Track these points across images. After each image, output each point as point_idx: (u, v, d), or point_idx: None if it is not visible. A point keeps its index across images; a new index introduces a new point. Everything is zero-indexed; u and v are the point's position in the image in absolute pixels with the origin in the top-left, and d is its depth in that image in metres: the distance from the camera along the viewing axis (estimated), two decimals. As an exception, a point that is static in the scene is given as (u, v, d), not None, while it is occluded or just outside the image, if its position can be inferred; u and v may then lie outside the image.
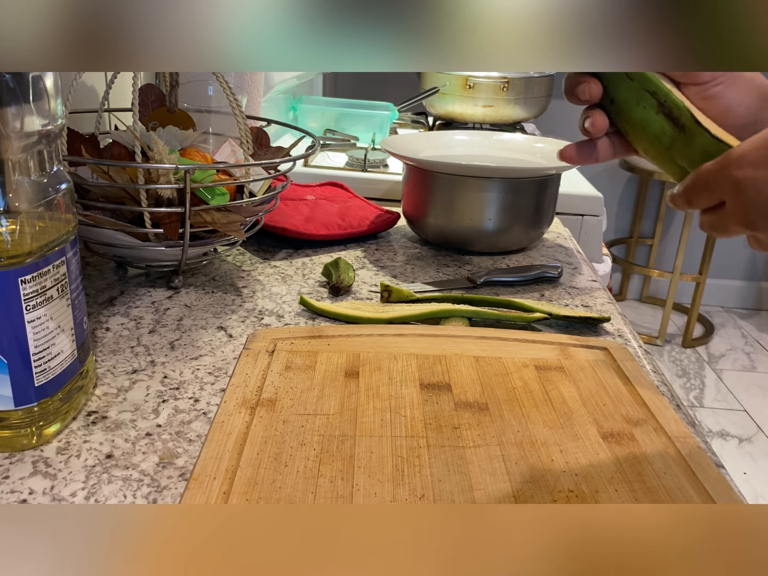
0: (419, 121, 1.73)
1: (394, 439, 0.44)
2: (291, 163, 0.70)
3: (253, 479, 0.40)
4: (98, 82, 0.85)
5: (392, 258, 0.82)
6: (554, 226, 0.99)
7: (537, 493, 0.40)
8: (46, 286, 0.41)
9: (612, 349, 0.57)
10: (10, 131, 0.38)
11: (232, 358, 0.56)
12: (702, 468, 0.42)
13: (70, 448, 0.44)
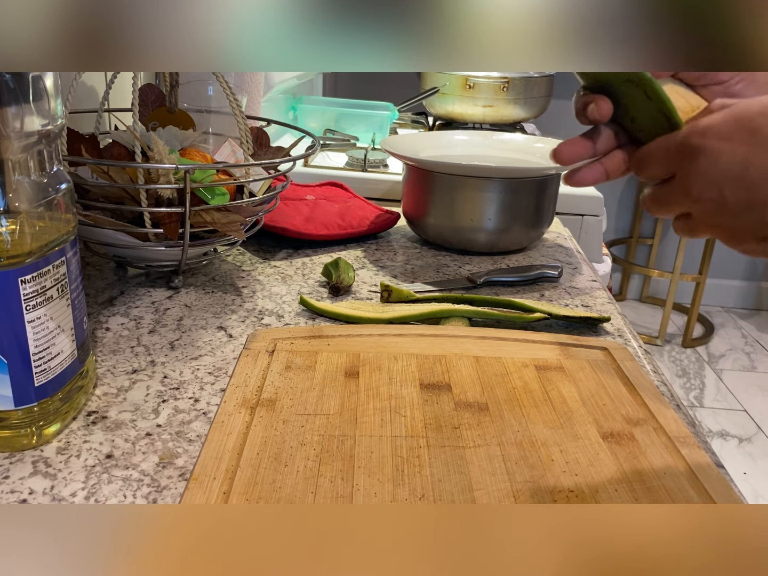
0: (419, 121, 1.73)
1: (394, 439, 0.44)
2: (291, 163, 0.70)
3: (253, 479, 0.40)
4: (98, 82, 0.85)
5: (392, 258, 0.82)
6: (554, 226, 0.99)
7: (537, 493, 0.40)
8: (46, 286, 0.41)
9: (612, 349, 0.57)
10: (10, 131, 0.38)
11: (232, 358, 0.56)
12: (702, 468, 0.42)
13: (70, 448, 0.44)
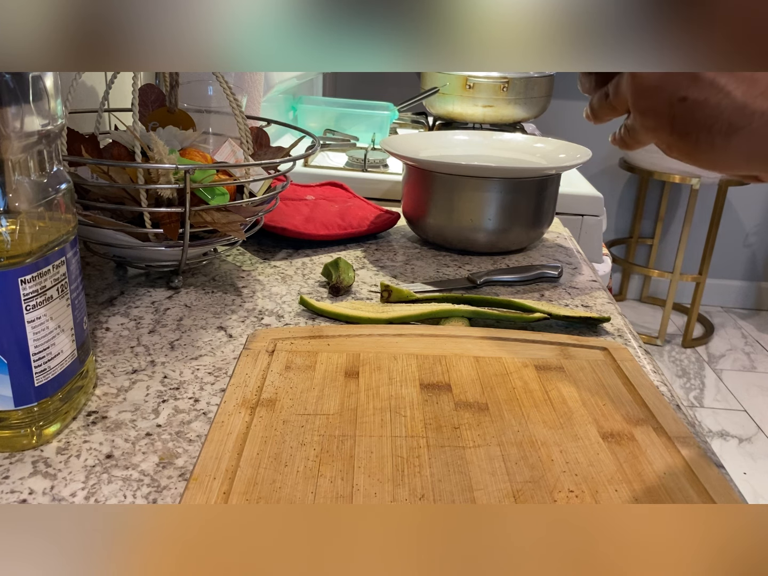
0: (419, 121, 1.73)
1: (394, 439, 0.44)
2: (291, 163, 0.70)
3: (253, 479, 0.40)
4: (98, 82, 0.85)
5: (392, 258, 0.82)
6: (554, 226, 0.99)
7: (537, 493, 0.40)
8: (46, 286, 0.41)
9: (612, 349, 0.57)
10: (10, 131, 0.38)
11: (232, 358, 0.56)
12: (702, 468, 0.42)
13: (70, 448, 0.44)
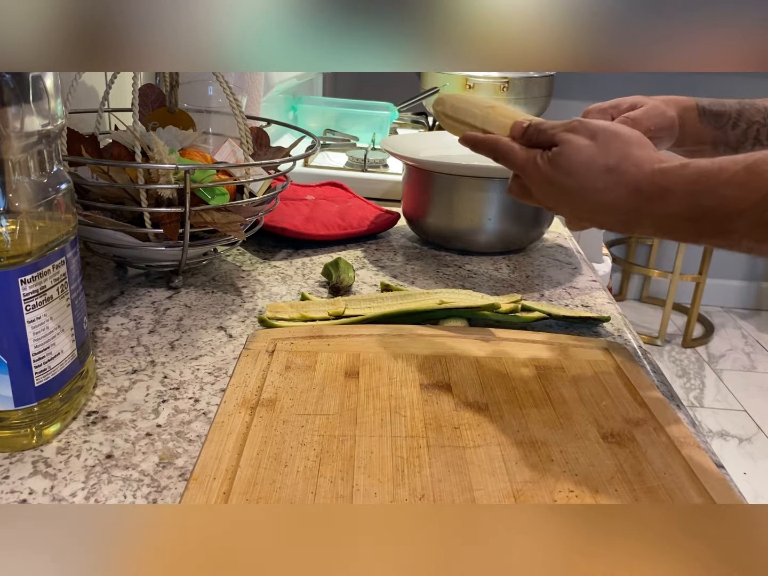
0: (419, 121, 1.73)
1: (394, 439, 0.44)
2: (291, 163, 0.70)
3: (253, 479, 0.40)
4: (98, 82, 0.85)
5: (392, 258, 0.82)
6: (554, 226, 0.99)
7: (537, 493, 0.40)
8: (46, 286, 0.41)
9: (612, 349, 0.57)
10: (10, 131, 0.38)
11: (232, 358, 0.56)
12: (702, 468, 0.42)
13: (70, 448, 0.44)
